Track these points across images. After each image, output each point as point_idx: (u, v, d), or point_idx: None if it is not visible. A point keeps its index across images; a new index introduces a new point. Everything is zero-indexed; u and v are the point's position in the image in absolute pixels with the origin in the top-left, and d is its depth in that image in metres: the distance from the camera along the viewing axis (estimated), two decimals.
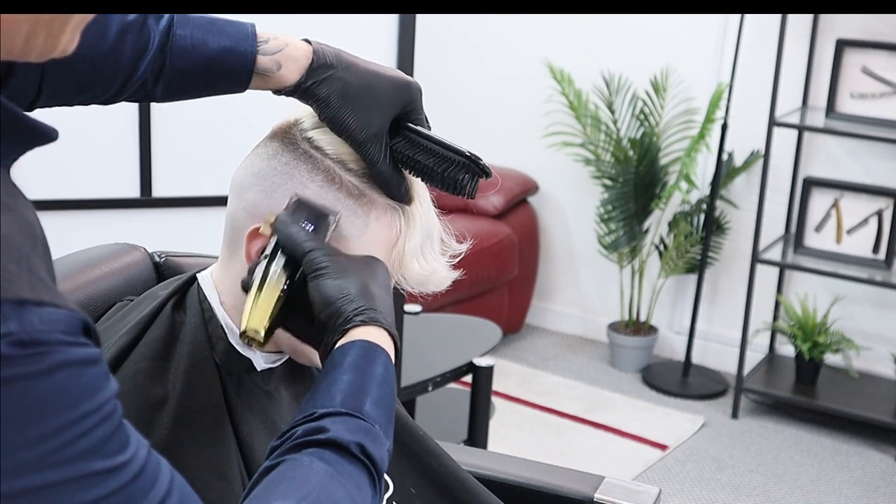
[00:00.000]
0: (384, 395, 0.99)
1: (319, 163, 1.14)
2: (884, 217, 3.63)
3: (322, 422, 0.93)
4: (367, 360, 0.99)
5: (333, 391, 0.96)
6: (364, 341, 1.00)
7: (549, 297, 4.48)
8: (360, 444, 0.93)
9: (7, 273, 0.63)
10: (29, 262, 0.65)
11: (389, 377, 1.00)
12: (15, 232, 0.66)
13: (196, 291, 1.20)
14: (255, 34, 1.13)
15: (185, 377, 1.15)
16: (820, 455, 3.55)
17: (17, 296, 0.63)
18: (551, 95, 4.15)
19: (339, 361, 0.99)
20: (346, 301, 1.02)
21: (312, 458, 0.90)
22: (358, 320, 1.01)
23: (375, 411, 0.96)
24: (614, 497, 1.58)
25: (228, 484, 1.12)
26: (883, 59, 3.56)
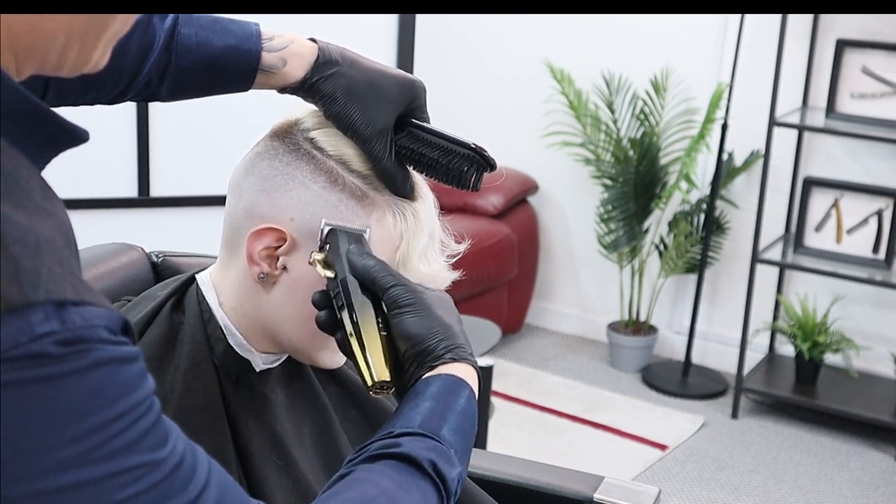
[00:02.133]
0: (464, 426, 1.01)
1: (322, 163, 1.14)
2: (884, 217, 3.62)
3: (398, 439, 0.96)
4: (451, 392, 1.02)
5: (413, 415, 1.00)
6: (450, 375, 1.04)
7: (548, 297, 4.48)
8: (433, 461, 0.95)
9: (52, 274, 0.64)
10: (70, 264, 0.67)
11: (472, 411, 1.03)
12: (56, 235, 0.67)
13: (195, 292, 1.20)
14: (259, 33, 1.13)
15: (183, 378, 1.14)
16: (820, 455, 3.55)
17: (61, 296, 0.64)
18: (551, 95, 4.15)
19: (422, 391, 1.02)
20: (435, 340, 1.05)
21: (384, 468, 0.93)
22: (447, 357, 1.05)
23: (453, 437, 0.99)
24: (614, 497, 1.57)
25: None
26: (883, 59, 3.56)
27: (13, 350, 0.62)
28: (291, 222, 1.13)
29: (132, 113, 2.31)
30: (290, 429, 1.21)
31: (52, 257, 0.65)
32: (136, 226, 2.37)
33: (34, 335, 0.63)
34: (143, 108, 2.31)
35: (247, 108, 2.38)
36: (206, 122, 2.39)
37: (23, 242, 0.64)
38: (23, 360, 0.63)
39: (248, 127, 1.13)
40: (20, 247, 0.63)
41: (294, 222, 1.13)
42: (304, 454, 1.22)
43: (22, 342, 0.62)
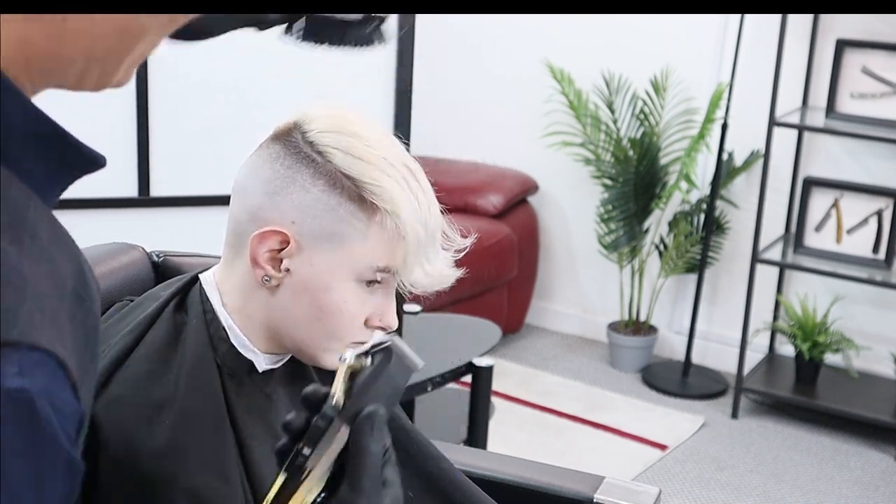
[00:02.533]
0: None
1: (321, 167, 1.14)
2: (884, 217, 3.62)
3: None
4: None
5: None
6: None
7: (549, 297, 4.48)
8: None
9: (30, 318, 0.61)
10: (53, 314, 0.64)
11: None
12: (46, 284, 0.64)
13: (198, 292, 1.20)
14: None
15: (186, 379, 1.15)
16: (820, 455, 3.55)
17: (36, 342, 0.61)
18: (551, 95, 4.15)
19: None
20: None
21: None
22: None
23: None
24: (614, 497, 1.58)
25: (229, 485, 1.12)
26: (883, 59, 3.56)
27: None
28: (293, 225, 1.13)
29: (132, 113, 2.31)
30: None
31: (35, 304, 0.62)
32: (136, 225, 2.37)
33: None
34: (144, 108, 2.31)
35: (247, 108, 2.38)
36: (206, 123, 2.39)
37: (7, 282, 0.61)
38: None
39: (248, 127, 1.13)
40: (3, 286, 0.60)
41: (296, 225, 1.14)
42: None
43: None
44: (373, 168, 1.15)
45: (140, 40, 0.69)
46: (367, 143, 1.16)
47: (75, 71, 0.68)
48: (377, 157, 1.16)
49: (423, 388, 2.91)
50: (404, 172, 1.17)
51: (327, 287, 1.16)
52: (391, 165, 1.16)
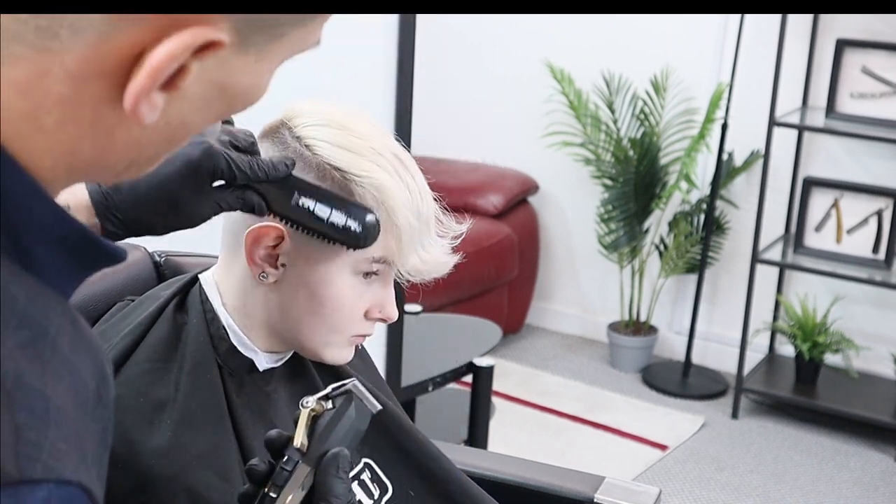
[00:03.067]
0: None
1: (310, 161, 1.15)
2: (884, 217, 3.63)
3: None
4: None
5: None
6: None
7: (549, 297, 4.48)
8: None
9: (55, 451, 0.59)
10: (78, 437, 0.62)
11: None
12: (69, 401, 0.62)
13: (198, 292, 1.21)
14: None
15: (187, 378, 1.15)
16: (820, 455, 3.55)
17: (60, 476, 0.59)
18: (551, 95, 4.15)
19: None
20: None
21: None
22: None
23: None
24: (614, 497, 1.58)
25: (231, 484, 1.12)
26: (883, 59, 3.56)
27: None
28: None
29: None
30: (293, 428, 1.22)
31: (59, 431, 0.60)
32: None
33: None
34: None
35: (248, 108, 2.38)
36: None
37: (30, 409, 0.59)
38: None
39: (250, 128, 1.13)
40: (26, 414, 0.58)
41: None
42: None
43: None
44: (361, 158, 1.15)
45: (179, 143, 0.70)
46: (355, 133, 1.16)
47: (115, 172, 0.68)
48: (365, 148, 1.16)
49: (424, 388, 2.91)
50: (393, 161, 1.17)
51: (325, 281, 1.16)
52: (380, 155, 1.16)
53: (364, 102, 2.45)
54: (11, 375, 0.58)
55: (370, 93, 2.48)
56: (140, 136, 0.65)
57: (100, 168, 0.67)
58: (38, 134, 0.62)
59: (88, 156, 0.65)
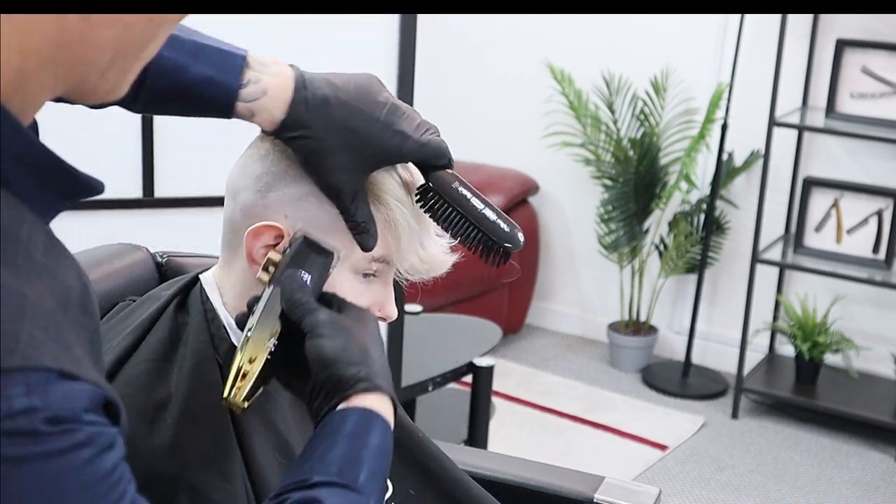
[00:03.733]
0: (379, 467, 0.99)
1: None
2: (884, 217, 3.63)
3: (316, 491, 0.94)
4: (366, 430, 0.99)
5: (329, 459, 0.96)
6: (364, 409, 1.00)
7: (549, 297, 4.48)
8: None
9: (32, 339, 0.62)
10: (57, 330, 0.64)
11: (386, 447, 1.01)
12: (47, 297, 0.64)
13: (198, 292, 1.21)
14: (242, 69, 1.09)
15: (188, 378, 1.15)
16: (820, 455, 3.55)
17: (38, 363, 0.61)
18: (551, 95, 4.15)
19: (337, 428, 0.99)
20: (346, 365, 1.01)
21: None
22: (360, 387, 1.00)
23: (370, 483, 0.97)
24: (614, 497, 1.58)
25: (232, 484, 1.13)
26: (883, 59, 3.56)
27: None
28: (286, 219, 1.14)
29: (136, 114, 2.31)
30: (294, 427, 1.22)
31: (37, 322, 0.62)
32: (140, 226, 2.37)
33: (11, 410, 0.60)
34: None
35: None
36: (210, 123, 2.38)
37: (6, 305, 0.61)
38: (3, 435, 0.60)
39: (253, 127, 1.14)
40: (2, 309, 0.61)
41: (289, 219, 1.14)
42: None
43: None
44: None
45: (162, 26, 0.71)
46: None
47: (102, 64, 0.69)
48: None
49: (424, 388, 2.91)
50: None
51: None
52: None
53: None
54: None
55: None
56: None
57: (90, 51, 0.67)
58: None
59: (78, 31, 0.65)
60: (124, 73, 0.71)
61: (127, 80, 0.72)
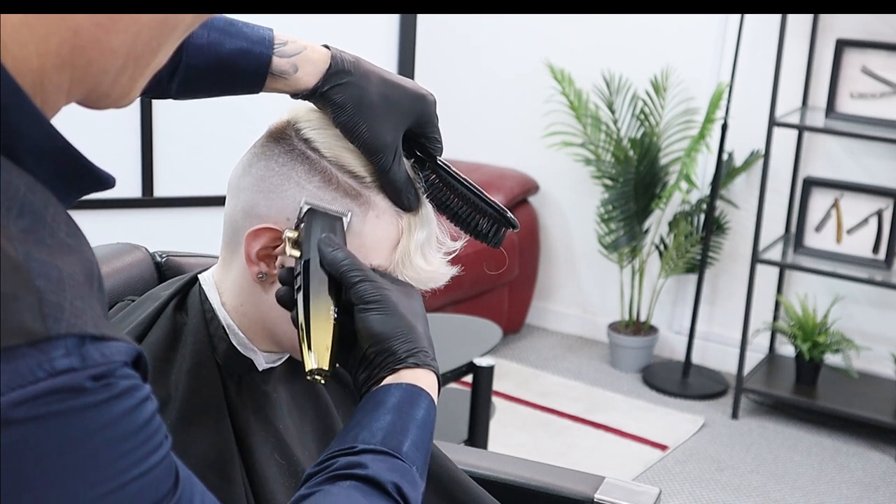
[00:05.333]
0: (423, 439, 1.02)
1: (316, 163, 1.14)
2: (884, 217, 3.63)
3: (361, 457, 0.96)
4: (412, 403, 1.02)
5: (375, 428, 0.99)
6: (410, 385, 1.03)
7: (549, 297, 4.48)
8: (397, 484, 0.95)
9: (74, 308, 0.65)
10: (91, 300, 0.67)
11: (430, 421, 1.03)
12: (77, 271, 0.68)
13: (197, 292, 1.21)
14: (272, 38, 1.14)
15: (187, 378, 1.15)
16: (820, 455, 3.55)
17: (83, 331, 0.65)
18: (551, 95, 4.15)
19: (383, 400, 1.02)
20: (399, 341, 1.04)
21: (349, 490, 0.93)
22: (410, 362, 1.04)
23: (414, 453, 0.99)
24: (614, 497, 1.58)
25: (230, 483, 1.13)
26: (883, 59, 3.57)
27: (32, 386, 0.62)
28: (288, 222, 1.14)
29: (136, 113, 2.31)
30: (293, 427, 1.22)
31: (75, 292, 0.65)
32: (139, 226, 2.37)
33: (54, 370, 0.63)
34: (147, 109, 2.31)
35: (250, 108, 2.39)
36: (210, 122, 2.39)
37: (47, 276, 0.64)
38: (46, 395, 0.62)
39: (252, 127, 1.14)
40: (44, 280, 0.64)
41: (290, 222, 1.14)
42: (307, 453, 1.22)
43: (41, 377, 0.62)
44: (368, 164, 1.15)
45: (172, 34, 0.73)
46: None
47: (115, 68, 0.70)
48: None
49: None
50: None
51: None
52: None
53: None
54: (22, 251, 0.63)
55: None
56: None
57: (102, 54, 0.69)
58: (22, 29, 0.65)
59: (91, 35, 0.67)
60: (134, 79, 0.73)
61: (137, 86, 0.74)
